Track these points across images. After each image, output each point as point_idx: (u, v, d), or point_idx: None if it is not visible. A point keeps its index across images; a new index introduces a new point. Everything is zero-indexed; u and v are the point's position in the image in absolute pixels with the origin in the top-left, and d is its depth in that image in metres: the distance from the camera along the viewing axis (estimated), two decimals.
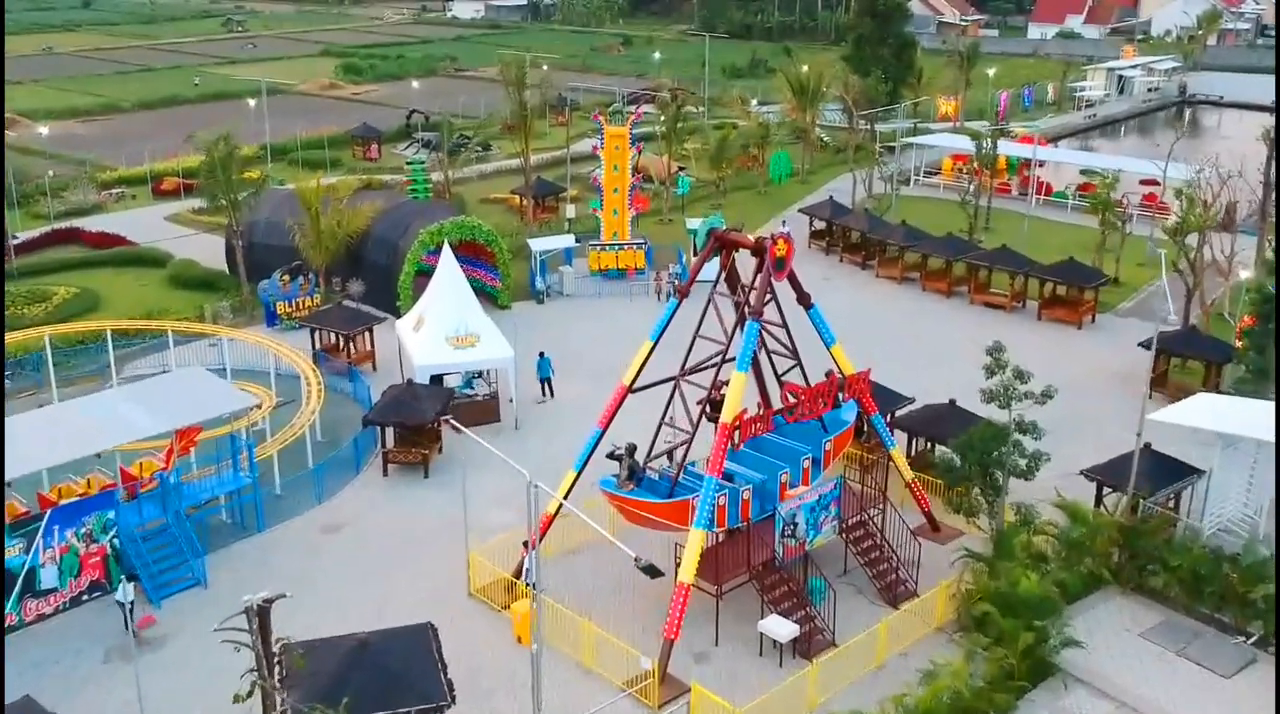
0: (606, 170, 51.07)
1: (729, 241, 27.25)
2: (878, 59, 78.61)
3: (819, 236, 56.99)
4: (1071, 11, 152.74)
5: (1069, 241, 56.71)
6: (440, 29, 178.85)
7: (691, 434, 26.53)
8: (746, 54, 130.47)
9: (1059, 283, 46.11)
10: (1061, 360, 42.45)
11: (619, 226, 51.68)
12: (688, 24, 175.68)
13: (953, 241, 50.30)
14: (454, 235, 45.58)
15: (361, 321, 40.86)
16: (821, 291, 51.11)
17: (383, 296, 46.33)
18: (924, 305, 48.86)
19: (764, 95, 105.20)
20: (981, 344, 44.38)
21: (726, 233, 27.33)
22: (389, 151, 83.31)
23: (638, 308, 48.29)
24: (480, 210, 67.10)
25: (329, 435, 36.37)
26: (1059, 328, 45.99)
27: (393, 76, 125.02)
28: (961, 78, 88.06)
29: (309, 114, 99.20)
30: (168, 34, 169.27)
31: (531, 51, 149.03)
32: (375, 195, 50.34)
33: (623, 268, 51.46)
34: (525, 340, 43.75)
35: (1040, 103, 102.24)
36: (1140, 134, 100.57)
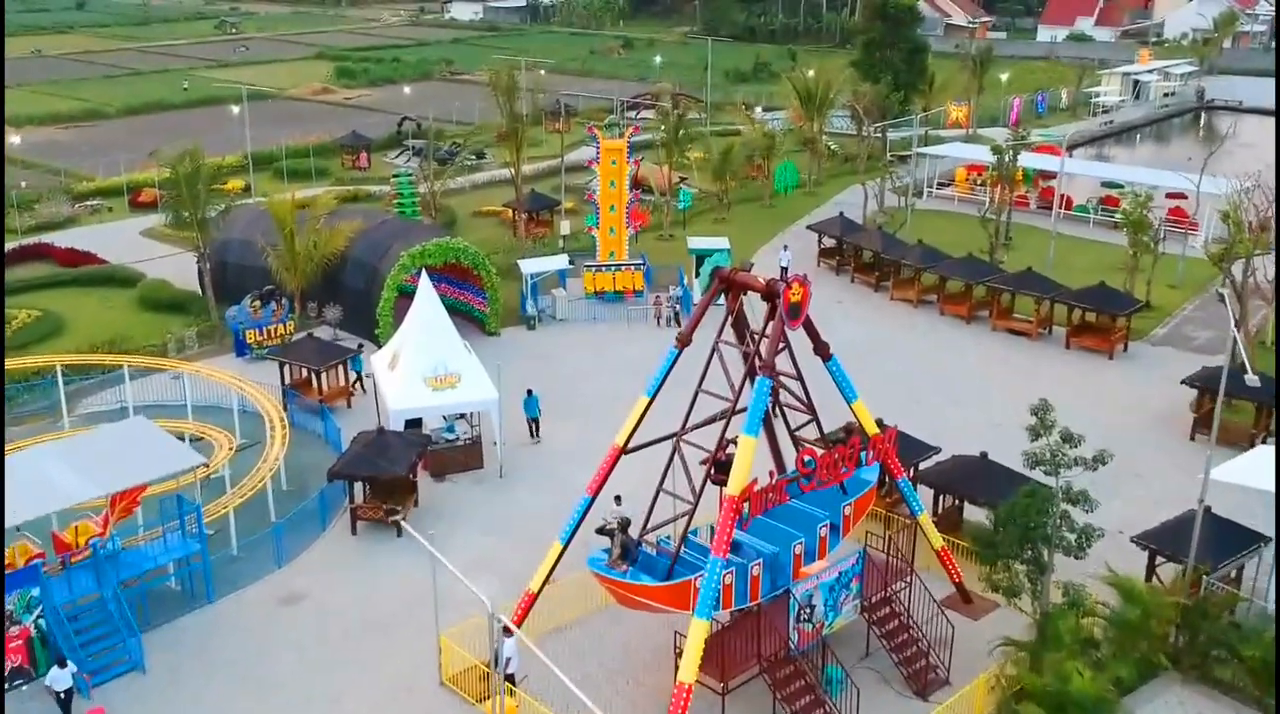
0: (602, 186, 47.83)
1: (737, 283, 23.95)
2: (887, 65, 75.30)
3: (828, 254, 53.71)
4: (1082, 13, 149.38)
5: (1095, 261, 53.48)
6: (437, 31, 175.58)
7: (693, 505, 23.23)
8: (750, 57, 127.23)
9: (1089, 310, 42.80)
10: (1094, 397, 39.18)
11: (616, 246, 48.43)
12: (690, 26, 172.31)
13: (973, 263, 47.00)
14: (437, 258, 42.39)
15: (334, 355, 37.58)
16: (833, 317, 48.16)
17: (362, 323, 43.14)
18: (943, 332, 45.56)
19: (768, 100, 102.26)
20: (1007, 377, 41.53)
21: (734, 273, 24.04)
22: (379, 160, 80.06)
23: (636, 334, 45.03)
24: (471, 224, 64.04)
25: (296, 483, 33.13)
26: (1089, 358, 42.69)
27: (387, 80, 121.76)
28: (974, 83, 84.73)
29: (299, 120, 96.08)
30: (160, 36, 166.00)
31: (529, 55, 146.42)
32: (354, 213, 47.03)
33: (620, 290, 48.22)
34: (514, 372, 40.52)
35: (1054, 108, 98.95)
36: (1157, 141, 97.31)
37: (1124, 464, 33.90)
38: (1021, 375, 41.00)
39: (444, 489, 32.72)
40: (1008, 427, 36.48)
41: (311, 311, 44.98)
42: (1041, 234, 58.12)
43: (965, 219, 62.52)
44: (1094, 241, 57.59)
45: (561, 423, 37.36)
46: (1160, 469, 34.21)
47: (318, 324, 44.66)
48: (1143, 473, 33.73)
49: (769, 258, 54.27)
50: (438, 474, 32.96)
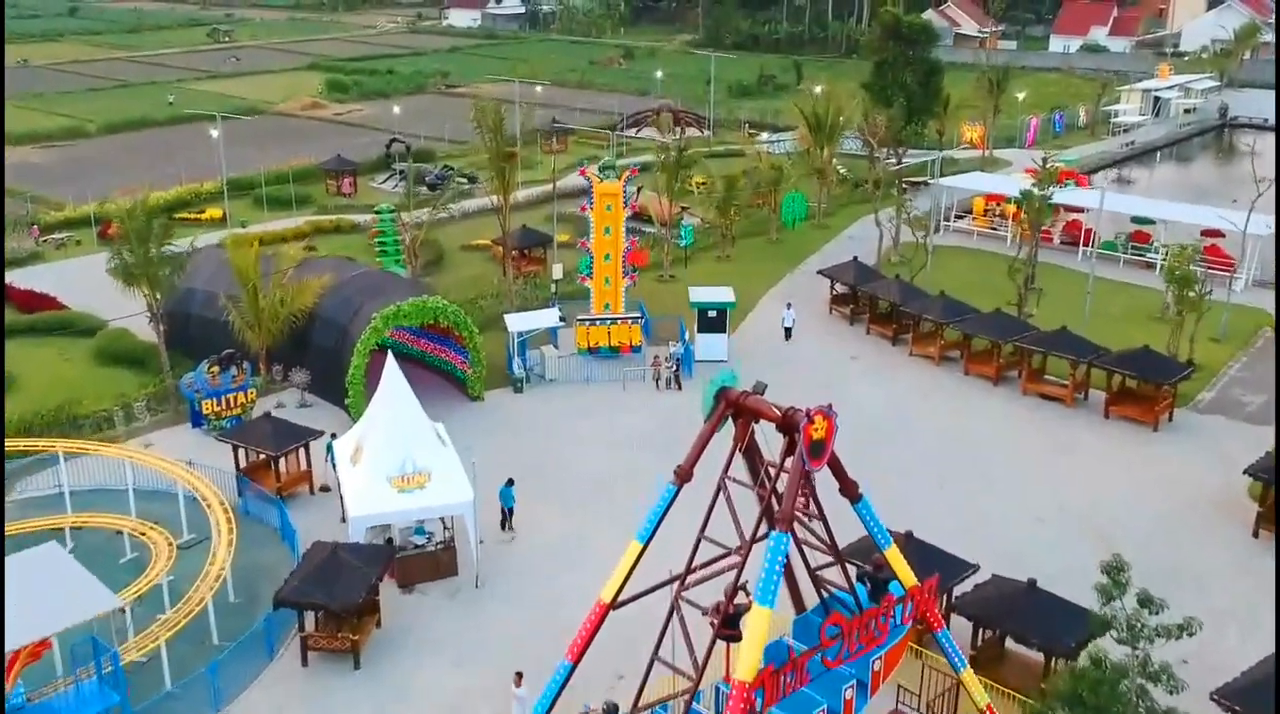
0: (596, 233, 43.91)
1: (747, 410, 19.96)
2: (900, 87, 71.36)
3: (841, 301, 49.79)
4: (1096, 23, 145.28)
5: (1129, 307, 49.69)
6: (434, 39, 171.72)
7: (696, 680, 19.31)
8: (754, 69, 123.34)
9: (1132, 377, 38.87)
10: (1140, 478, 35.31)
11: (611, 297, 44.53)
12: (692, 34, 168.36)
13: (1000, 319, 43.02)
14: (413, 319, 38.56)
15: (293, 438, 33.62)
16: (847, 375, 43.59)
17: (332, 386, 39.30)
18: (969, 396, 41.59)
19: (773, 116, 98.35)
20: (1043, 453, 36.74)
21: (744, 398, 20.01)
22: (366, 185, 76.22)
23: (633, 398, 41.13)
24: (459, 260, 60.21)
25: (246, 593, 29.30)
26: (1130, 429, 38.72)
27: (380, 94, 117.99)
28: (990, 104, 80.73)
29: (286, 138, 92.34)
30: (151, 44, 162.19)
31: (527, 64, 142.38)
32: (323, 265, 43.07)
33: (615, 345, 44.35)
34: (497, 444, 36.89)
35: (1071, 127, 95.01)
36: (1178, 161, 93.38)
37: (1180, 565, 30.21)
38: (1058, 450, 37.11)
39: (412, 604, 28.85)
40: (1050, 522, 32.81)
41: (277, 375, 41.16)
42: (1069, 276, 54.23)
43: (986, 257, 58.69)
44: (1125, 284, 53.75)
45: (546, 509, 33.55)
46: (1221, 572, 30.34)
47: (284, 387, 40.83)
48: (1202, 577, 29.84)
49: (775, 307, 50.41)
50: (405, 584, 29.10)
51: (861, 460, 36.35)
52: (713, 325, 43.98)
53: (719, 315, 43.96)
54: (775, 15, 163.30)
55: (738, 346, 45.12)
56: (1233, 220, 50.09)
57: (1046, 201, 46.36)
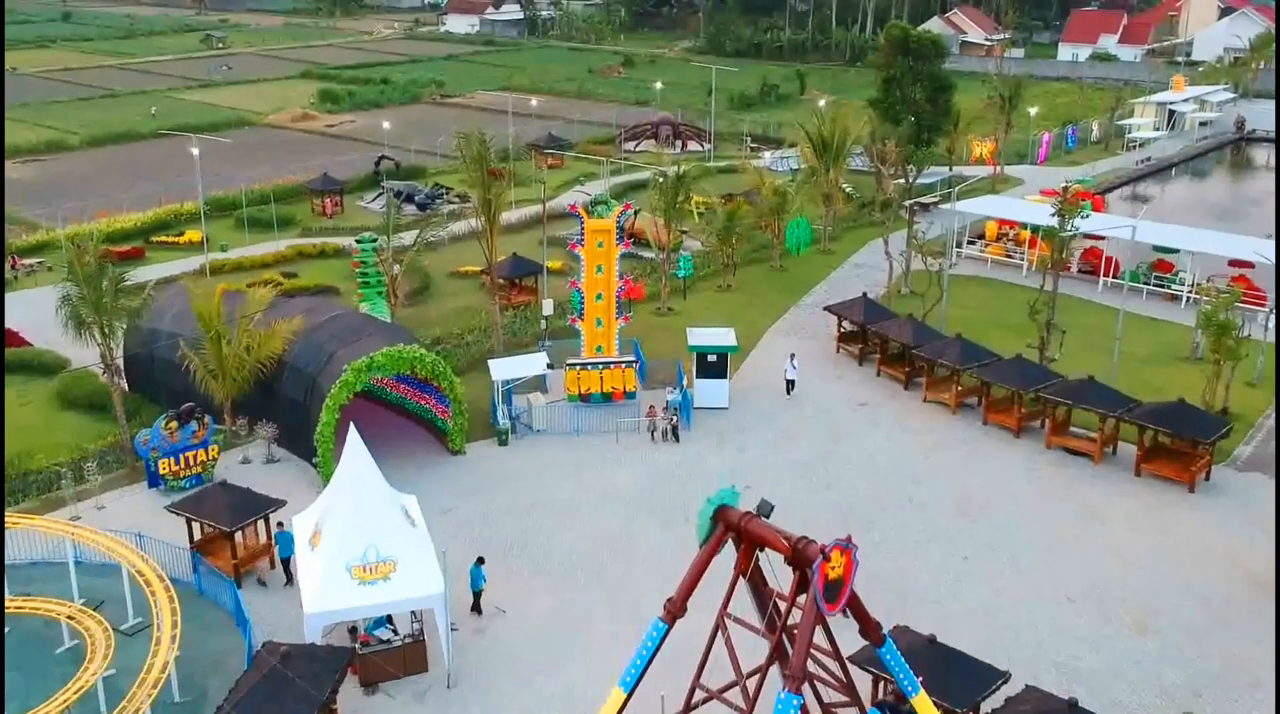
0: (588, 272, 40.97)
1: (750, 536, 16.96)
2: (909, 103, 68.38)
3: (849, 339, 46.81)
4: (1106, 31, 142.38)
5: (1156, 346, 46.77)
6: (431, 46, 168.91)
7: None
8: (756, 78, 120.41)
9: (1167, 434, 35.88)
10: (1179, 549, 32.35)
11: (603, 339, 41.59)
12: (693, 41, 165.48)
13: (1022, 366, 40.00)
14: (387, 370, 35.62)
15: (250, 511, 30.61)
16: (856, 425, 40.15)
17: (302, 441, 36.40)
18: (989, 450, 38.54)
19: (775, 129, 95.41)
20: (1071, 519, 33.30)
21: (746, 521, 17.03)
22: (354, 204, 73.31)
23: (627, 453, 38.14)
24: (447, 288, 57.30)
25: (194, 689, 26.40)
26: (1165, 490, 35.69)
27: (373, 105, 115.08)
28: (1002, 120, 77.76)
29: (274, 152, 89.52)
30: (143, 51, 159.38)
31: (525, 71, 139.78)
32: (294, 306, 40.04)
33: (608, 392, 41.42)
34: (478, 504, 34.04)
35: (1084, 141, 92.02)
36: (1195, 178, 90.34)
37: (1233, 661, 27.27)
38: (1088, 516, 34.11)
39: (376, 706, 25.92)
40: (1082, 604, 29.82)
41: (241, 428, 38.22)
42: (1089, 310, 51.36)
43: (1002, 288, 55.78)
44: (1150, 320, 50.70)
45: (531, 584, 30.66)
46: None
47: (251, 440, 37.90)
48: (1262, 682, 26.74)
49: (778, 345, 47.50)
50: (369, 683, 26.16)
51: (873, 528, 33.49)
52: (713, 370, 41.06)
53: (719, 359, 41.04)
54: (778, 22, 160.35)
55: (739, 390, 42.23)
56: (1267, 253, 47.16)
57: (1071, 237, 43.20)
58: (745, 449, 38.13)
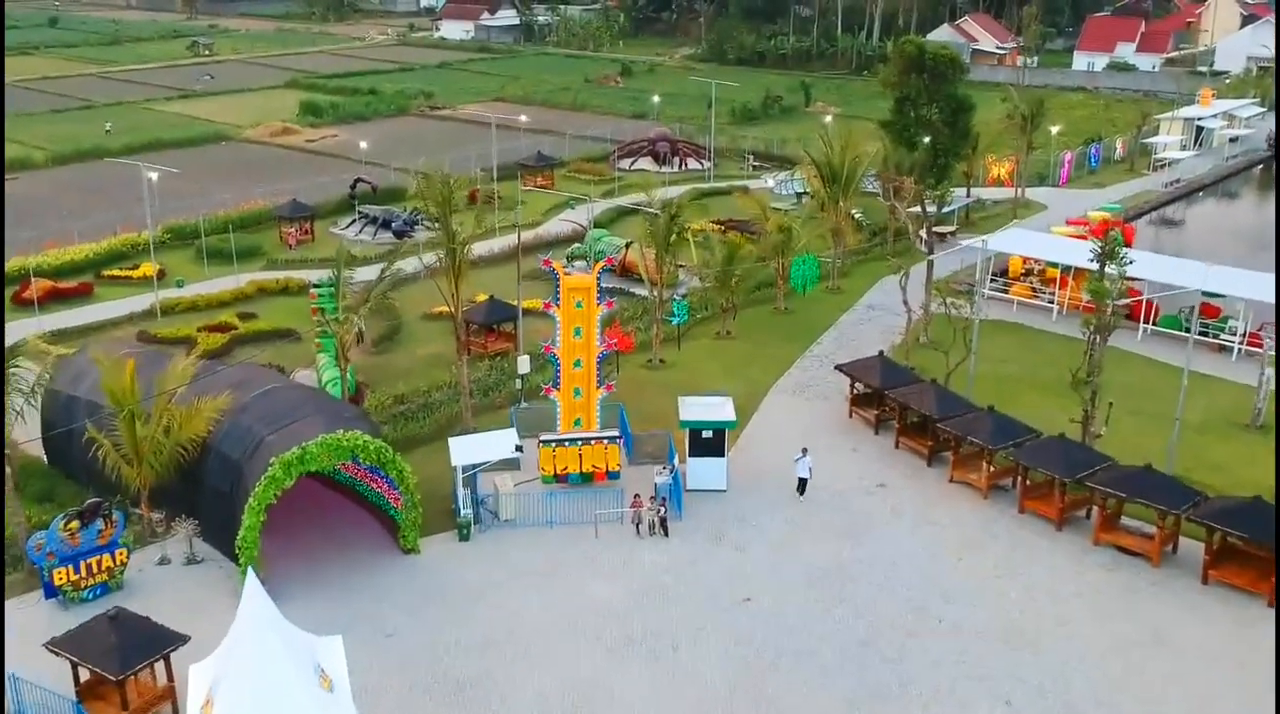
0: (564, 336, 35.65)
1: None
2: (924, 125, 63.05)
3: (864, 403, 41.47)
4: (1123, 39, 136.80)
5: (1211, 410, 41.47)
6: (425, 53, 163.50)
7: None
8: (759, 89, 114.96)
9: (1242, 540, 30.56)
10: (1267, 690, 26.94)
11: (582, 411, 36.24)
12: (694, 48, 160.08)
13: (1064, 447, 34.57)
14: (322, 462, 30.27)
15: (144, 650, 25.22)
16: (873, 513, 34.45)
17: (229, 537, 31.03)
18: (1028, 549, 33.03)
19: (779, 146, 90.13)
20: (1129, 646, 28.13)
21: None
22: (326, 231, 68.00)
23: (608, 551, 32.74)
24: (418, 332, 51.98)
25: None
26: (1238, 604, 30.26)
27: (358, 117, 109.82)
28: (1023, 141, 72.38)
29: (247, 172, 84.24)
30: (127, 59, 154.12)
31: (520, 80, 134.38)
32: (222, 381, 34.52)
33: (588, 471, 36.11)
34: (428, 622, 28.53)
35: (1108, 160, 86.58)
36: (1227, 199, 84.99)
37: None
38: (1153, 642, 28.69)
39: None
40: None
41: (158, 524, 32.89)
42: (1131, 364, 46.07)
43: (1031, 336, 50.51)
44: (1199, 375, 45.06)
45: None
46: None
47: (168, 537, 32.60)
48: None
49: (784, 405, 42.22)
50: None
51: (902, 661, 27.58)
52: (708, 447, 35.75)
53: (715, 435, 35.73)
54: (782, 29, 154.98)
55: (739, 465, 36.89)
56: None
57: (1115, 296, 37.74)
58: (745, 548, 32.79)
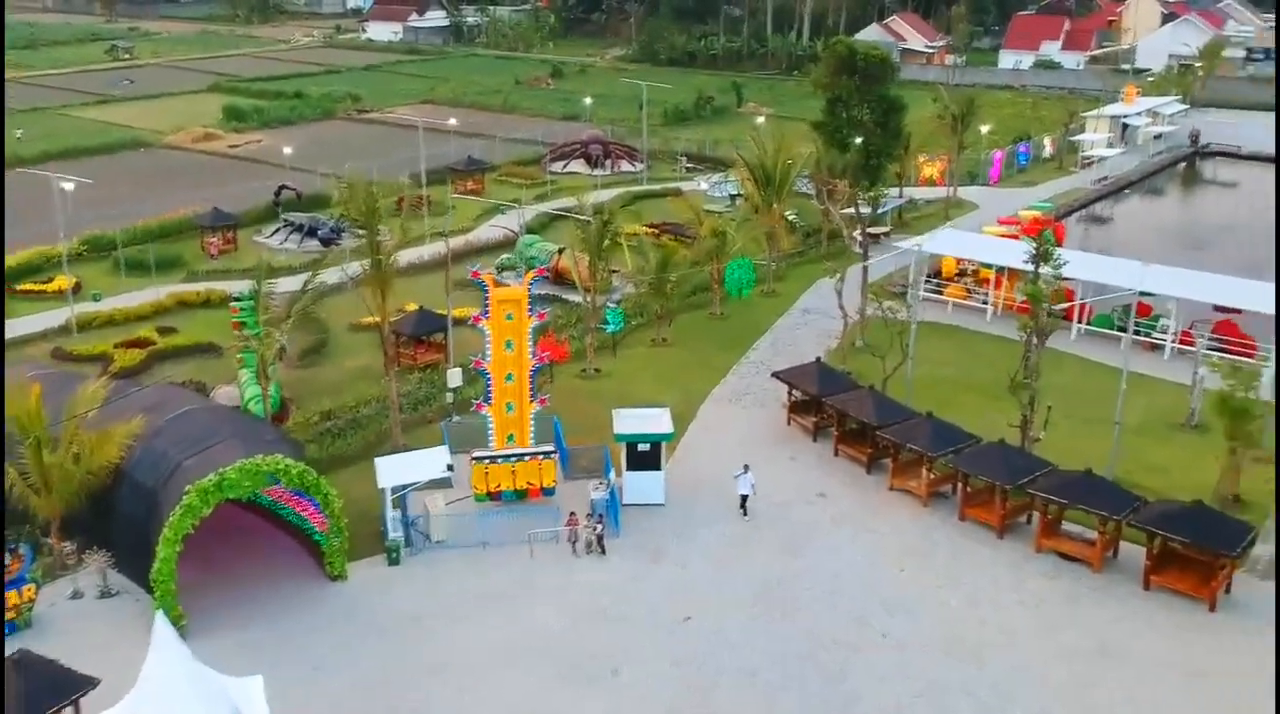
0: (495, 349, 34.59)
1: None
2: (856, 126, 62.81)
3: (801, 410, 40.89)
4: (1048, 37, 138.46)
5: (1149, 412, 41.21)
6: (353, 55, 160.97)
7: None
8: (690, 90, 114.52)
9: (1182, 545, 30.36)
10: (1214, 699, 26.70)
11: (516, 427, 35.21)
12: (625, 48, 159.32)
13: (1004, 453, 34.20)
14: (240, 489, 28.96)
15: (51, 695, 23.76)
16: (814, 525, 33.83)
17: (146, 567, 29.56)
18: (969, 559, 32.58)
19: (712, 147, 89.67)
20: (1072, 655, 27.70)
21: None
22: (250, 240, 66.12)
23: (544, 572, 31.74)
24: (347, 345, 50.50)
25: None
26: (1181, 609, 30.05)
27: (283, 122, 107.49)
28: (955, 141, 72.55)
29: (169, 179, 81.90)
30: (43, 63, 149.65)
31: (449, 82, 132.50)
32: (134, 403, 32.97)
33: (522, 489, 35.11)
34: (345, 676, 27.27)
35: (1036, 158, 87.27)
36: (1151, 195, 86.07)
37: None
38: (1099, 652, 28.34)
39: None
40: None
41: (70, 556, 31.30)
42: (1066, 365, 46.02)
43: (966, 338, 50.38)
44: (1136, 376, 45.09)
45: None
46: None
47: (81, 569, 31.03)
48: None
49: (722, 414, 41.58)
50: None
51: (846, 678, 26.89)
52: (644, 461, 34.92)
53: (652, 448, 34.91)
54: (712, 29, 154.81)
55: (677, 478, 36.10)
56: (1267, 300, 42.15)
57: (1052, 301, 37.52)
58: (685, 564, 32.01)
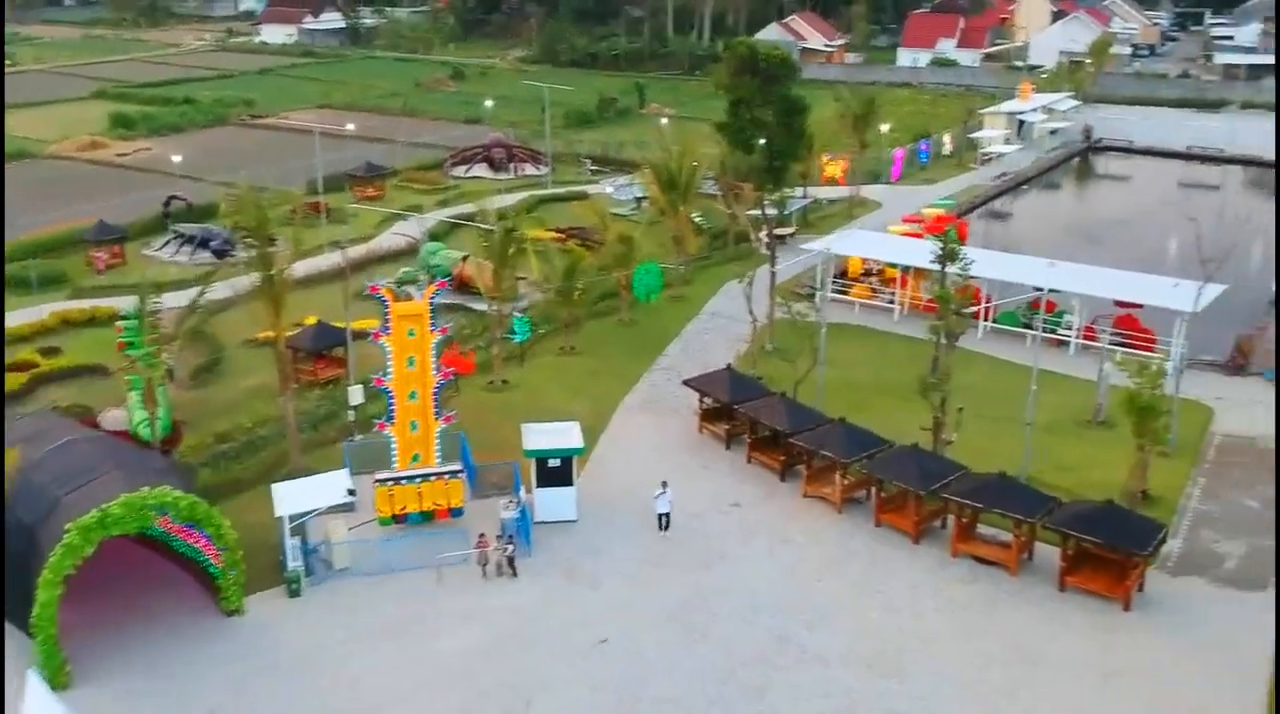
0: (397, 366, 33.31)
1: None
2: (759, 126, 62.47)
3: (713, 417, 40.28)
4: (943, 35, 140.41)
5: (1056, 411, 41.24)
6: (246, 59, 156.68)
7: None
8: (593, 91, 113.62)
9: (1096, 545, 30.34)
10: (1133, 701, 26.65)
11: (421, 446, 33.97)
12: (526, 50, 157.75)
13: (917, 457, 33.92)
14: (127, 525, 27.31)
15: None
16: (727, 541, 32.95)
17: (25, 613, 27.76)
18: (886, 567, 32.19)
19: (616, 149, 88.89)
20: (990, 662, 27.29)
21: None
22: (139, 254, 63.44)
23: (454, 598, 30.57)
24: (244, 360, 48.50)
25: None
26: (1097, 609, 29.98)
27: (173, 129, 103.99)
28: (856, 140, 72.79)
29: (53, 190, 78.61)
30: None
31: (346, 85, 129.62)
32: (14, 434, 31.10)
33: (429, 510, 33.88)
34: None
35: (937, 155, 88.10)
36: (1048, 189, 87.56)
37: None
38: (1017, 658, 28.11)
39: None
40: None
41: None
42: (975, 364, 45.97)
43: (876, 338, 50.35)
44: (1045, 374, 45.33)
45: None
46: None
47: None
48: None
49: (635, 423, 40.79)
50: None
51: (765, 696, 26.16)
52: (555, 477, 33.97)
53: (563, 463, 33.97)
54: (614, 30, 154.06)
55: (589, 492, 35.17)
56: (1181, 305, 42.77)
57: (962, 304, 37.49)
58: (599, 584, 31.12)
